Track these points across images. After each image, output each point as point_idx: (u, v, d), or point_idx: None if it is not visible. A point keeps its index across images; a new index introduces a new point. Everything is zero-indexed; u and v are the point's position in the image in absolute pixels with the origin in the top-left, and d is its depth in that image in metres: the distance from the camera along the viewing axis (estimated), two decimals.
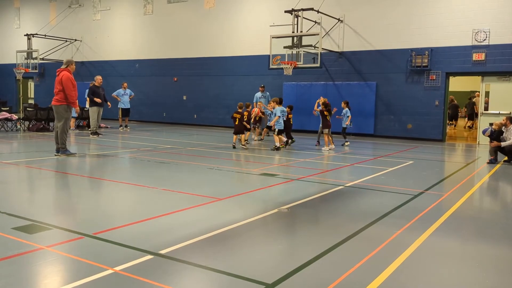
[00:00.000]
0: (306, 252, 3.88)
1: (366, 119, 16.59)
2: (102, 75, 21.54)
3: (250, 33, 19.16)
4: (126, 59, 22.93)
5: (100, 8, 23.89)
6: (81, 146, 11.92)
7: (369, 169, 8.91)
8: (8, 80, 26.83)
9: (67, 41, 24.60)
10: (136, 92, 18.80)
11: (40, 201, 5.89)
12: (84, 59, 24.44)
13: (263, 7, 18.88)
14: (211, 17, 20.24)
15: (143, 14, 22.39)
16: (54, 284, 3.14)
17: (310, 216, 5.34)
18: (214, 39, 20.19)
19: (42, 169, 7.93)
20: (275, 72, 17.32)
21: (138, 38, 22.63)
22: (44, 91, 26.01)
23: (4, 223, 4.45)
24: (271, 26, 17.48)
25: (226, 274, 3.33)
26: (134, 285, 3.11)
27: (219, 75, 20.12)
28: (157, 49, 21.90)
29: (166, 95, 21.46)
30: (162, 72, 21.79)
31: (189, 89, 20.76)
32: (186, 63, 21.03)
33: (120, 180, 7.21)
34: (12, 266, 3.40)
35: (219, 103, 19.95)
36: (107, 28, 23.67)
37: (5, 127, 15.08)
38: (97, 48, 24.01)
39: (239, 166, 8.73)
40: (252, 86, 18.37)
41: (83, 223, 4.65)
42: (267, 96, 15.86)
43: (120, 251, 3.76)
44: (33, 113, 15.57)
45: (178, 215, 5.06)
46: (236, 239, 4.23)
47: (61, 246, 3.85)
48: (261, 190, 6.57)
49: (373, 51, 16.52)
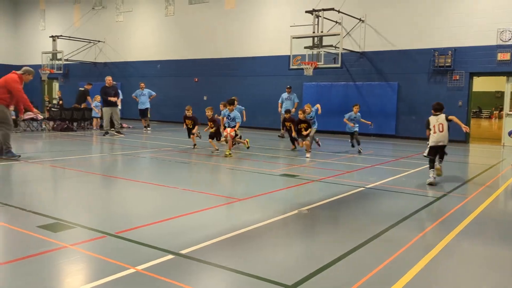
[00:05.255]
0: (327, 254, 3.85)
1: (387, 120, 16.37)
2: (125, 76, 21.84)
3: (270, 33, 19.15)
4: (148, 60, 23.21)
5: (123, 9, 24.25)
6: (103, 146, 12.13)
7: (390, 171, 8.79)
8: (33, 80, 27.37)
9: (90, 43, 25.05)
10: (157, 92, 18.99)
11: (64, 200, 6.01)
12: (107, 60, 24.84)
13: (283, 8, 18.85)
14: (232, 17, 20.31)
15: (165, 15, 22.63)
16: (78, 282, 3.20)
17: (330, 217, 5.30)
18: (235, 40, 20.26)
19: (66, 168, 8.10)
20: (295, 72, 17.26)
21: (160, 39, 22.88)
22: (68, 91, 26.53)
23: (30, 221, 4.56)
24: (291, 26, 17.42)
25: (246, 275, 3.34)
26: (156, 284, 3.14)
27: (239, 76, 20.18)
28: (178, 50, 22.11)
29: (187, 95, 21.62)
30: (183, 73, 21.98)
31: (210, 89, 20.87)
32: (206, 64, 21.16)
33: (142, 179, 7.30)
34: (37, 263, 3.48)
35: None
36: (129, 29, 24.02)
37: (31, 127, 15.45)
38: (120, 49, 24.37)
39: (259, 167, 8.74)
40: (272, 86, 18.37)
41: (105, 222, 4.73)
42: (293, 98, 15.79)
43: (142, 250, 3.81)
44: (58, 113, 15.91)
45: (198, 215, 5.09)
46: (256, 240, 4.24)
47: (85, 244, 3.92)
48: (281, 191, 6.56)
49: (394, 51, 16.31)
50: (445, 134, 7.32)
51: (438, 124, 7.32)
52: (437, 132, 7.32)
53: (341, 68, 15.92)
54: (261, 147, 12.20)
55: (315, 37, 15.54)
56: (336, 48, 15.32)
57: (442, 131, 7.29)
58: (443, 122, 7.30)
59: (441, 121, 7.31)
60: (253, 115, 17.51)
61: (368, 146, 12.89)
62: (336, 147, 12.67)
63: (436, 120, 7.37)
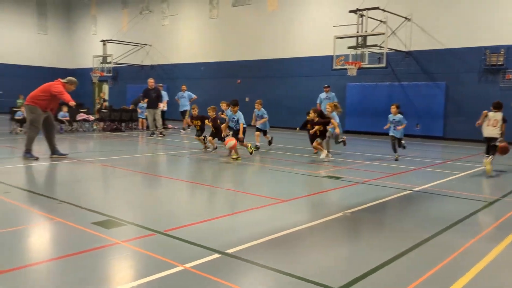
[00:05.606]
0: (373, 258, 3.80)
1: (435, 121, 15.87)
2: (170, 78, 22.39)
3: (313, 34, 19.05)
4: (192, 62, 23.71)
5: (168, 13, 24.91)
6: (148, 146, 12.51)
7: (438, 174, 8.52)
8: (85, 83, 28.73)
9: (138, 46, 25.90)
10: (201, 94, 19.36)
11: (115, 198, 6.26)
12: (154, 62, 25.59)
13: (326, 8, 18.70)
14: (274, 19, 20.38)
15: (209, 18, 23.03)
16: (130, 278, 3.34)
17: (376, 221, 5.21)
18: (277, 41, 20.31)
19: (115, 167, 8.42)
20: (338, 72, 17.07)
21: (204, 42, 23.31)
22: (117, 93, 27.60)
23: (85, 218, 4.79)
24: (334, 26, 17.25)
25: (291, 276, 3.35)
26: (204, 282, 3.22)
27: (281, 77, 20.21)
28: (222, 52, 22.43)
29: (230, 96, 21.82)
30: (226, 74, 22.28)
31: (252, 90, 21.02)
32: (249, 65, 21.34)
33: (186, 179, 7.48)
34: (91, 258, 3.65)
35: (281, 104, 20.00)
36: (174, 32, 24.63)
37: (83, 127, 16.19)
38: (165, 52, 25.04)
39: (303, 168, 8.71)
40: (314, 87, 18.24)
41: (154, 220, 4.88)
42: (332, 98, 15.41)
43: (189, 248, 3.91)
44: (107, 114, 16.56)
45: (243, 215, 5.16)
46: (300, 242, 4.24)
47: (135, 241, 4.07)
48: (325, 193, 6.51)
49: (442, 49, 15.78)
50: (496, 130, 8.25)
51: (493, 120, 8.28)
52: (490, 126, 8.31)
53: (386, 68, 15.60)
54: (304, 148, 12.15)
55: (359, 37, 15.31)
56: (381, 47, 15.02)
57: (495, 126, 8.25)
58: (498, 119, 8.25)
59: (497, 117, 8.27)
60: (295, 116, 17.49)
61: (414, 148, 12.55)
62: (381, 149, 12.40)
63: (493, 115, 8.30)
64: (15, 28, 28.60)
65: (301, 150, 11.57)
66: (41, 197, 5.84)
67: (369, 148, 12.17)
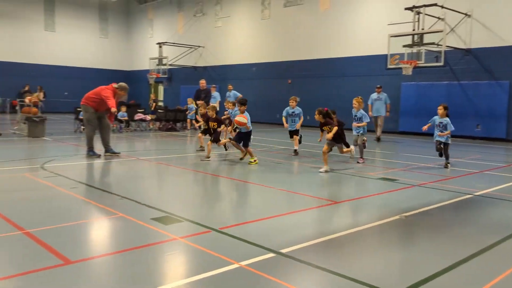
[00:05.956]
0: (432, 264, 3.69)
1: (497, 122, 15.05)
2: (221, 79, 22.76)
3: (366, 32, 18.67)
4: (244, 63, 23.98)
5: (221, 15, 25.36)
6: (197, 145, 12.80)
7: (502, 177, 8.09)
8: (142, 84, 29.92)
9: (191, 48, 26.58)
10: (252, 94, 19.55)
11: (172, 195, 6.49)
12: (206, 64, 26.16)
13: (380, 6, 18.26)
14: (327, 18, 20.18)
15: (261, 19, 23.20)
16: (187, 273, 3.46)
17: (434, 225, 5.04)
18: (329, 40, 20.10)
19: (170, 165, 8.71)
20: (393, 72, 16.62)
21: (255, 42, 23.51)
22: (172, 94, 28.49)
23: (144, 213, 5.01)
24: (388, 24, 16.81)
25: (346, 278, 3.33)
26: (260, 280, 3.28)
27: (333, 76, 19.97)
28: (273, 52, 22.52)
29: (280, 97, 21.92)
30: (277, 75, 22.34)
31: (303, 90, 20.92)
32: (300, 65, 21.27)
33: (237, 177, 7.59)
34: (151, 253, 3.82)
35: (332, 104, 19.70)
36: (227, 34, 25.04)
37: (140, 127, 16.88)
38: (218, 53, 25.52)
39: (355, 169, 8.58)
40: (367, 87, 17.85)
41: (209, 218, 5.02)
42: (384, 98, 14.96)
43: (244, 246, 3.99)
44: (163, 115, 17.15)
45: (296, 215, 5.18)
46: (355, 244, 4.20)
47: (192, 238, 4.21)
48: (379, 195, 6.39)
49: (506, 47, 14.94)
50: None
51: None
52: None
53: (444, 67, 15.01)
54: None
55: (415, 35, 14.82)
56: (438, 45, 14.46)
57: None
58: None
59: None
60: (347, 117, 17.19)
61: (475, 150, 11.98)
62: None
63: None
64: (79, 32, 30.26)
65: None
66: (104, 192, 6.17)
67: (425, 150, 11.76)
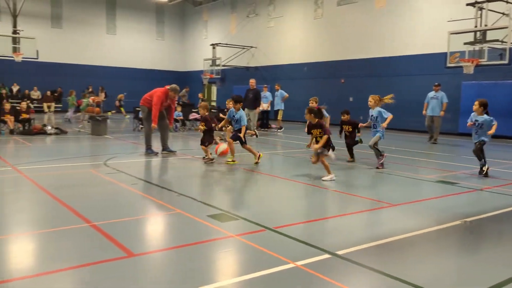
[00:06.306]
0: (494, 273, 3.52)
1: None
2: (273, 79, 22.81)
3: (423, 30, 18.02)
4: (295, 62, 23.92)
5: (274, 15, 25.44)
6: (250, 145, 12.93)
7: None
8: (196, 84, 30.66)
9: (244, 48, 26.89)
10: (302, 94, 19.46)
11: (226, 193, 6.63)
12: (258, 64, 26.35)
13: (438, 2, 17.56)
14: (382, 16, 19.69)
15: (313, 18, 23.04)
16: (243, 271, 3.53)
17: (499, 232, 4.81)
18: (384, 39, 19.60)
19: (222, 163, 8.87)
20: (452, 71, 15.92)
21: (308, 42, 23.38)
22: (224, 94, 28.94)
23: (201, 210, 5.16)
24: (448, 21, 16.12)
25: (403, 282, 3.26)
26: (315, 280, 3.29)
27: (388, 76, 19.45)
28: (326, 52, 22.29)
29: (333, 96, 21.66)
30: (329, 74, 22.09)
31: (356, 90, 20.55)
32: (354, 65, 20.90)
33: (290, 177, 7.59)
34: (207, 249, 3.93)
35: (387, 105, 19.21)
36: (279, 34, 25.09)
37: (195, 126, 17.32)
38: (270, 54, 25.63)
39: (411, 171, 8.32)
40: (423, 87, 17.21)
41: (263, 216, 5.08)
42: (441, 97, 14.25)
43: (299, 246, 4.01)
44: (216, 114, 17.49)
45: (352, 217, 5.12)
46: (412, 248, 4.10)
47: (248, 236, 4.28)
48: (438, 199, 6.17)
49: None
50: None
51: None
52: None
53: (508, 65, 14.18)
54: (411, 150, 11.59)
55: (477, 32, 14.13)
56: (503, 42, 13.69)
57: None
58: None
59: None
60: (402, 116, 16.67)
61: None
62: (505, 153, 11.33)
63: None
64: (138, 35, 31.52)
65: (408, 153, 11.05)
66: (163, 189, 6.41)
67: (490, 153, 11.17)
